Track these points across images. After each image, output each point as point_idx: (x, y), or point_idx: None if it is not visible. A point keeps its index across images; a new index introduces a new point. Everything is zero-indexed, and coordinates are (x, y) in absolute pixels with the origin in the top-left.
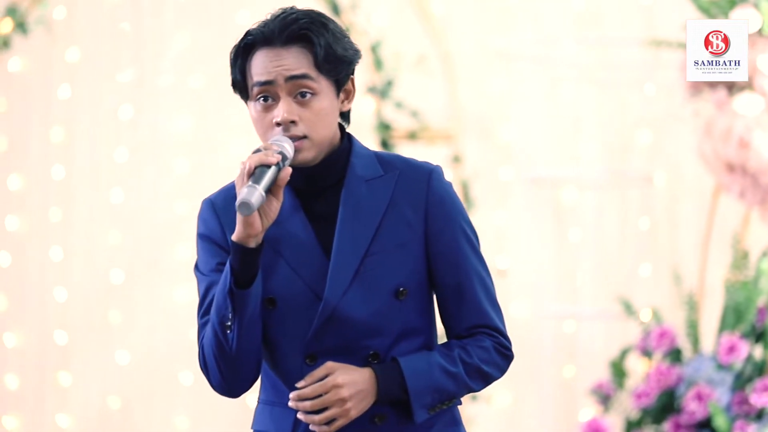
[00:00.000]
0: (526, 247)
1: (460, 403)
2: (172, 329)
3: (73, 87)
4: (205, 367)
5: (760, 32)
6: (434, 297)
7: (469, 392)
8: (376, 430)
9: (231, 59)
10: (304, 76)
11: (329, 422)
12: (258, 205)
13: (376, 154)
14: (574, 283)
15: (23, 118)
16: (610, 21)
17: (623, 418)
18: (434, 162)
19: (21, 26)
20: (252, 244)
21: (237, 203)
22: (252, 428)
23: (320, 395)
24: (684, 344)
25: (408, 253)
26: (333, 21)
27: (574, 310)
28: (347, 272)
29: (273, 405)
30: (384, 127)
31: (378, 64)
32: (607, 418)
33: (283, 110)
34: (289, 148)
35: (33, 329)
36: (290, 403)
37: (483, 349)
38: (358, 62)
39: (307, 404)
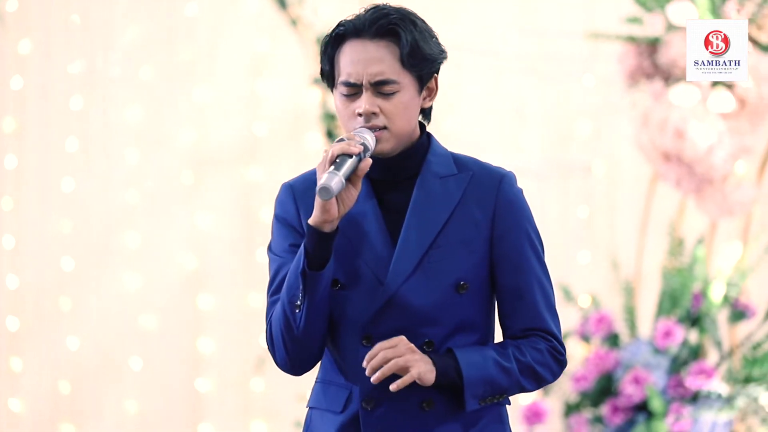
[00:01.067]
0: None
1: (509, 403)
2: (122, 316)
3: (24, 78)
4: (271, 344)
5: None
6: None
7: (521, 391)
8: (425, 416)
9: (321, 49)
10: (386, 82)
11: (392, 382)
12: (338, 190)
13: (452, 154)
14: None
15: None
16: (551, 14)
17: (562, 401)
18: None
19: None
20: (327, 229)
21: (318, 187)
22: (307, 406)
23: (391, 348)
24: (621, 329)
25: (472, 250)
26: (423, 21)
27: None
28: (411, 261)
29: (329, 384)
30: (329, 117)
31: None
32: (547, 402)
33: (365, 102)
34: (370, 140)
35: None
36: (367, 358)
37: (537, 350)
38: (443, 62)
39: (381, 354)
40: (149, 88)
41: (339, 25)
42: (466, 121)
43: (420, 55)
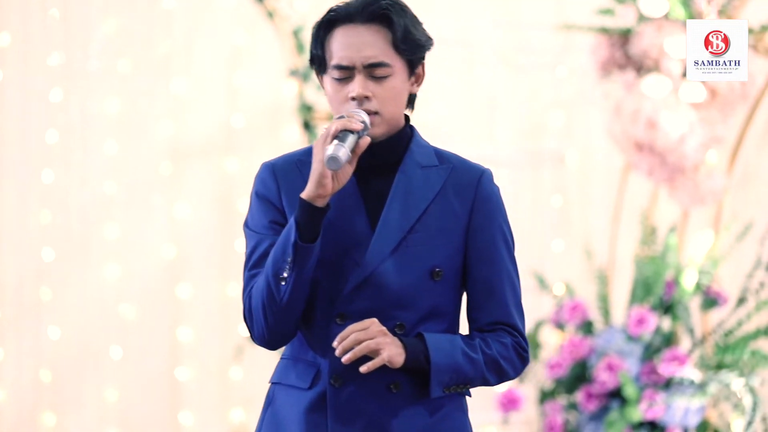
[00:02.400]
0: None
1: (470, 395)
2: (102, 305)
3: (3, 70)
4: (250, 317)
5: (666, 16)
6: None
7: (483, 384)
8: (391, 397)
9: (313, 33)
10: (380, 64)
11: (362, 363)
12: (345, 161)
13: (434, 148)
14: None
15: None
16: (524, 6)
17: (537, 388)
18: None
19: None
20: (320, 203)
21: (325, 157)
22: (270, 381)
23: (362, 330)
24: (595, 317)
25: (449, 239)
26: (410, 8)
27: None
28: (389, 243)
29: (297, 360)
30: (306, 109)
31: (300, 47)
32: (522, 389)
33: (358, 85)
34: (367, 120)
35: None
36: (338, 339)
37: (503, 345)
38: (430, 49)
39: (353, 336)
40: (128, 80)
41: (330, 10)
42: (439, 111)
43: (411, 40)
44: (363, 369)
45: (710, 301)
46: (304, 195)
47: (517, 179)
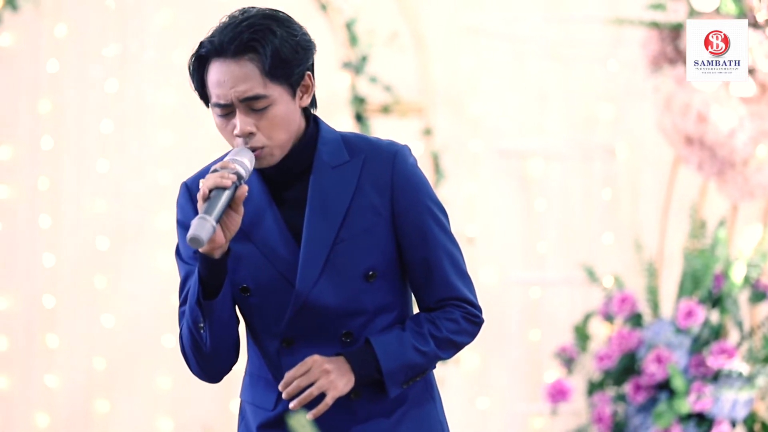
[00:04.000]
0: (494, 217)
1: (434, 367)
2: (155, 294)
3: (60, 61)
4: (184, 355)
5: (717, 11)
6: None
7: (439, 360)
8: (353, 404)
9: (189, 70)
10: (255, 97)
11: (319, 402)
12: (208, 237)
13: (342, 137)
14: (540, 251)
15: (13, 91)
16: (575, 1)
17: (586, 379)
18: (406, 135)
19: (11, 3)
20: (217, 255)
21: (187, 237)
22: (240, 396)
23: (304, 375)
24: (644, 309)
25: (375, 236)
26: (284, 21)
27: (539, 277)
28: (317, 261)
29: (258, 378)
30: (358, 101)
31: (353, 40)
32: (571, 380)
33: (239, 122)
34: (248, 164)
35: (22, 293)
36: (281, 387)
37: (451, 320)
38: (312, 55)
39: (295, 383)
40: (182, 71)
41: (200, 45)
42: (490, 104)
43: (284, 63)
44: (309, 416)
45: (759, 294)
46: (200, 249)
47: (567, 172)
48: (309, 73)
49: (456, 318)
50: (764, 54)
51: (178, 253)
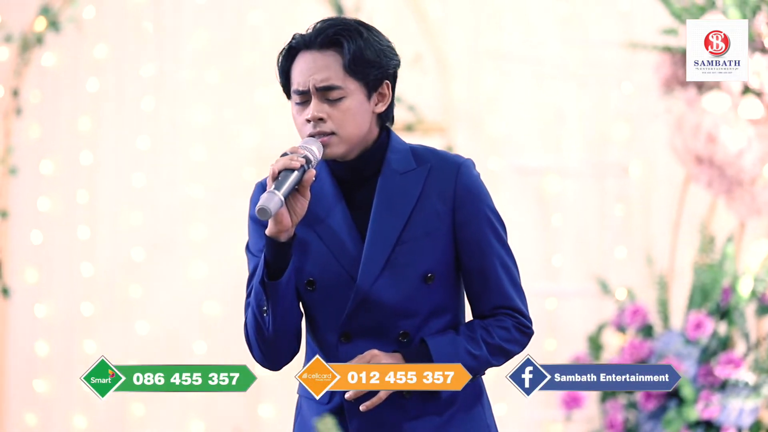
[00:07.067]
0: (511, 231)
1: (483, 374)
2: (188, 302)
3: (100, 80)
4: (248, 343)
5: None
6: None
7: (490, 367)
8: (405, 403)
9: (277, 63)
10: (331, 87)
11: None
12: (276, 210)
13: (411, 148)
14: (556, 264)
15: (54, 109)
16: (591, 24)
17: None
18: None
19: (54, 24)
20: (283, 238)
21: (256, 208)
22: (298, 392)
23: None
24: (655, 321)
25: (436, 241)
26: (373, 29)
27: (555, 289)
28: (379, 259)
29: None
30: None
31: None
32: None
33: (312, 108)
34: (316, 151)
35: (61, 301)
36: (347, 395)
37: (504, 329)
38: (393, 69)
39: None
40: (215, 90)
41: (291, 38)
42: (509, 124)
43: (364, 62)
44: (363, 408)
45: (765, 307)
46: (267, 232)
47: (582, 189)
48: (388, 82)
49: (508, 327)
50: None
51: (248, 248)
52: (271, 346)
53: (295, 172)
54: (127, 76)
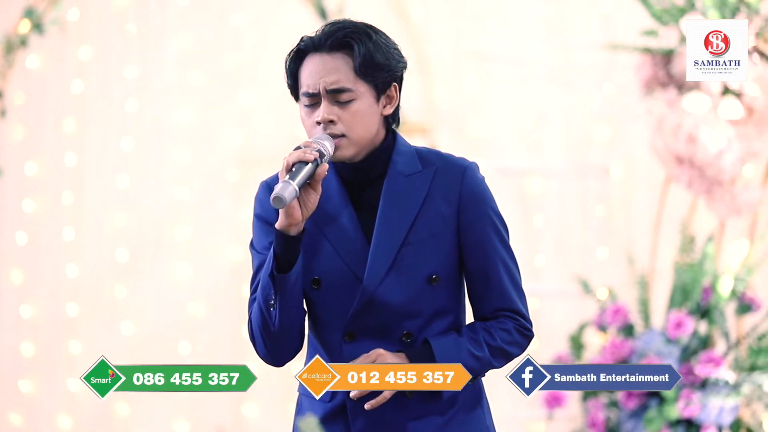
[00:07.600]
0: None
1: (484, 375)
2: (172, 303)
3: (84, 82)
4: (252, 338)
5: None
6: (464, 280)
7: (491, 368)
8: (407, 402)
9: (285, 64)
10: (341, 90)
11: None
12: (291, 199)
13: (416, 150)
14: (538, 264)
15: (39, 110)
16: (573, 26)
17: None
18: None
19: (38, 27)
20: (293, 232)
21: (271, 197)
22: (298, 391)
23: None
24: (636, 320)
25: (441, 243)
26: (382, 34)
27: (537, 289)
28: (385, 260)
29: None
30: None
31: None
32: None
33: (323, 110)
34: (329, 146)
35: (47, 302)
36: (351, 394)
37: (505, 331)
38: (401, 72)
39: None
40: (199, 91)
41: (300, 40)
42: (492, 124)
43: (373, 65)
44: (367, 406)
45: (745, 306)
46: (277, 225)
47: (564, 189)
48: (396, 84)
49: (509, 329)
50: (750, 79)
51: (252, 245)
52: (276, 341)
53: (309, 165)
54: (111, 78)
